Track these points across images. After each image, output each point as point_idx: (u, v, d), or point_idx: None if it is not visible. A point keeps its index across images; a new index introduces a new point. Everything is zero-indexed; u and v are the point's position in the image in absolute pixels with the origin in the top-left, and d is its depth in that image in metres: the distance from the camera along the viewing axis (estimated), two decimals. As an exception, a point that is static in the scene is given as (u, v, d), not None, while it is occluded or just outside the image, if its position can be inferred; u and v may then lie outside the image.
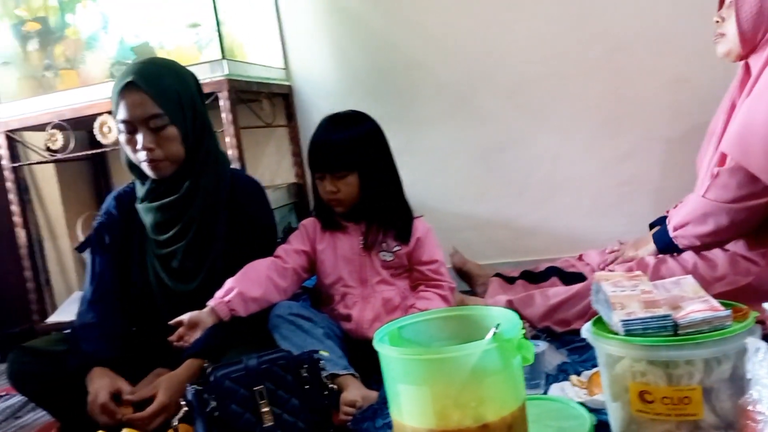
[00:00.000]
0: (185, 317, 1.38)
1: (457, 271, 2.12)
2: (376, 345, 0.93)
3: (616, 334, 0.95)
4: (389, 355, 0.91)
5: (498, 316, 0.93)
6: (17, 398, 1.89)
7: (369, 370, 1.44)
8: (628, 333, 0.92)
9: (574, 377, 1.31)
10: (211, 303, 1.42)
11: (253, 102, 2.36)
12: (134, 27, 2.22)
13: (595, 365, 1.36)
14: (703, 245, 1.59)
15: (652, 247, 1.70)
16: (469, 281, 2.11)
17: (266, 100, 2.39)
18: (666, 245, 1.65)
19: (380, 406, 1.31)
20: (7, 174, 2.38)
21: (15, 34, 2.36)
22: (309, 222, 1.68)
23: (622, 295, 0.99)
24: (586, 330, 1.01)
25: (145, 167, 1.48)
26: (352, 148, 1.54)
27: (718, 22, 1.62)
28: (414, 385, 0.89)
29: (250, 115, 2.36)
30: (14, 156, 2.40)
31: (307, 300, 1.75)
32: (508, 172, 2.35)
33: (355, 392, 1.33)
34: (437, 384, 0.88)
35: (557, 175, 2.30)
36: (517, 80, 2.28)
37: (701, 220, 1.55)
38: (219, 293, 1.44)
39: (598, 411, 1.13)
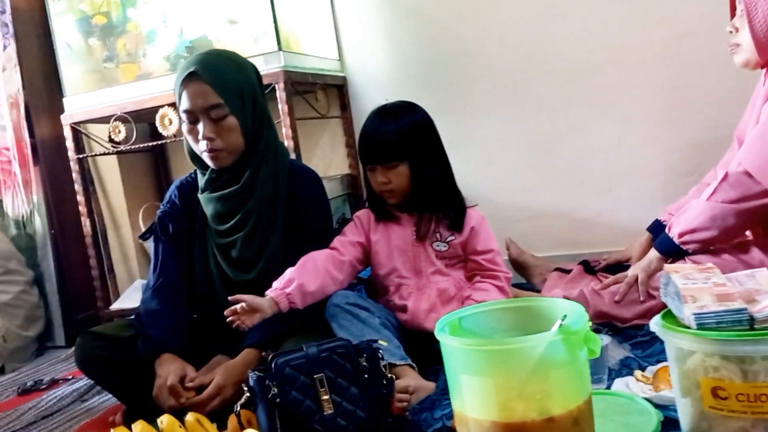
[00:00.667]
0: (247, 298, 1.38)
1: (513, 263, 2.09)
2: (438, 335, 0.92)
3: (687, 327, 0.91)
4: (452, 345, 0.90)
5: (564, 308, 0.91)
6: (83, 382, 1.95)
7: (425, 360, 1.44)
8: (701, 327, 0.89)
9: (638, 372, 1.27)
10: (271, 294, 1.43)
11: (308, 93, 2.38)
12: (192, 21, 2.26)
13: (659, 360, 1.33)
14: (712, 249, 1.55)
15: (653, 255, 1.63)
16: (526, 273, 2.08)
17: (321, 91, 2.41)
18: (671, 253, 1.59)
19: (438, 397, 1.30)
20: (73, 165, 2.46)
21: (79, 28, 2.43)
22: (363, 213, 1.68)
23: (694, 288, 0.95)
24: (655, 323, 0.97)
25: (206, 157, 1.51)
26: (402, 138, 1.53)
27: (731, 32, 1.55)
28: (477, 375, 0.88)
29: (305, 106, 2.38)
30: (79, 148, 2.48)
31: (362, 290, 1.75)
32: (565, 162, 2.30)
33: (410, 381, 1.33)
34: (501, 375, 0.87)
35: (618, 166, 2.24)
36: (576, 68, 2.23)
37: (708, 224, 1.50)
38: (278, 284, 1.45)
39: (664, 407, 1.09)
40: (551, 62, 2.25)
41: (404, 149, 1.54)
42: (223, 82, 1.46)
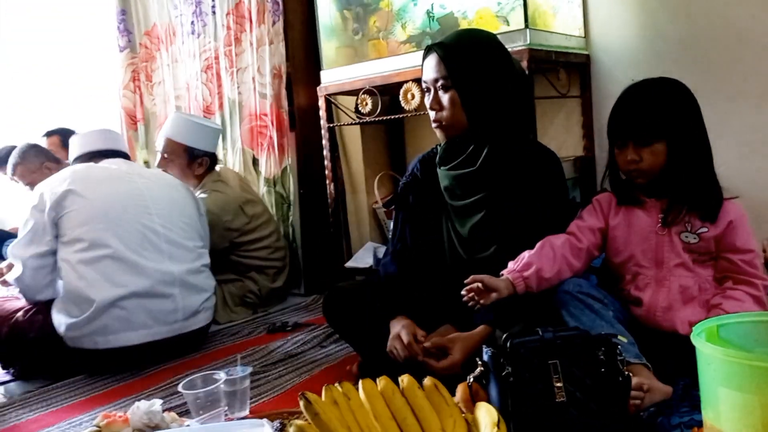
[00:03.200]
0: (485, 278, 1.42)
1: (769, 267, 1.87)
2: (695, 341, 0.88)
3: None
4: (712, 354, 0.85)
5: None
6: (321, 330, 2.17)
7: (659, 361, 1.37)
8: None
9: None
10: (508, 275, 1.45)
11: (549, 72, 2.33)
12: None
13: None
14: None
15: None
16: (782, 281, 1.85)
17: (563, 69, 2.34)
18: None
19: (675, 403, 1.24)
20: (324, 133, 2.71)
21: (337, 6, 2.63)
22: (603, 197, 1.61)
23: None
24: None
25: (433, 126, 1.58)
26: (662, 113, 1.43)
27: None
28: (739, 391, 0.82)
29: (544, 84, 2.34)
30: (330, 117, 2.71)
31: (592, 280, 1.70)
32: None
33: (644, 381, 1.27)
34: (768, 395, 0.80)
35: None
36: None
37: None
38: (516, 265, 1.46)
39: None
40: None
41: (663, 125, 1.43)
42: (453, 56, 1.51)
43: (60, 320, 1.91)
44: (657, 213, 1.50)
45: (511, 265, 1.47)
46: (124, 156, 2.28)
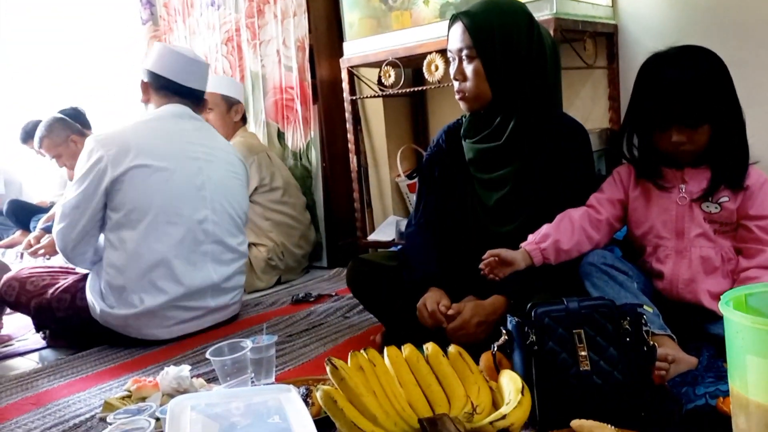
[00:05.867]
0: (502, 252, 1.42)
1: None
2: (723, 309, 0.87)
3: None
4: (741, 322, 0.84)
5: None
6: (345, 301, 2.19)
7: (683, 334, 1.36)
8: None
9: None
10: (525, 247, 1.45)
11: (575, 42, 2.29)
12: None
13: None
14: None
15: None
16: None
17: (589, 39, 2.30)
18: None
19: (701, 374, 1.23)
20: (346, 105, 2.70)
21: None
22: (623, 169, 1.58)
23: None
24: None
25: (457, 98, 1.56)
26: (708, 95, 1.36)
27: None
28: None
29: (570, 55, 2.30)
30: (353, 89, 2.69)
31: (614, 251, 1.68)
32: None
33: (669, 351, 1.27)
34: (797, 363, 0.79)
35: None
36: None
37: None
38: (534, 238, 1.46)
39: None
40: None
41: (711, 107, 1.37)
42: (477, 25, 1.48)
43: (95, 302, 1.94)
44: (678, 183, 1.48)
45: (529, 237, 1.47)
46: (197, 98, 2.12)
